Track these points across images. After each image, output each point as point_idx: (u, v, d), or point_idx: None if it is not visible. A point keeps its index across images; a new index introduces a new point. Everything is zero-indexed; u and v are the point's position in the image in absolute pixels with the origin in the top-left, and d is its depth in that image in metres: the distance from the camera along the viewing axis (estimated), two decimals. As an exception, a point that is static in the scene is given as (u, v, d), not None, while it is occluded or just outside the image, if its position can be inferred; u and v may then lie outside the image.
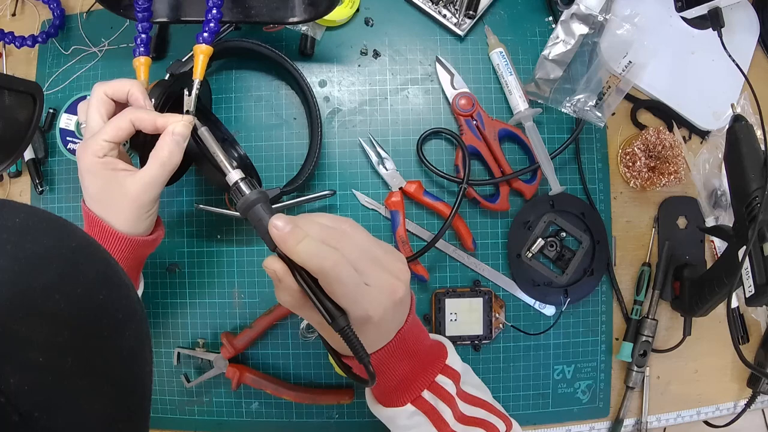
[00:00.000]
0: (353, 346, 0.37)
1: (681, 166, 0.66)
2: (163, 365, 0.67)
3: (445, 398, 0.47)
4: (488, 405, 0.51)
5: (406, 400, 0.46)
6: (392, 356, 0.44)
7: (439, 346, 0.50)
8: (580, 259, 0.66)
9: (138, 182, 0.47)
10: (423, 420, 0.46)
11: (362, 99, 0.67)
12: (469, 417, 0.48)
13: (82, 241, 0.29)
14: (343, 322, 0.37)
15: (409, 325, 0.44)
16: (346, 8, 0.66)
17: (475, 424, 0.48)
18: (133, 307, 0.29)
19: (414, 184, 0.64)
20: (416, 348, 0.46)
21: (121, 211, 0.48)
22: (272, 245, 0.38)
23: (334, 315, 0.37)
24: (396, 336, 0.43)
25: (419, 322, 0.48)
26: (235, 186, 0.41)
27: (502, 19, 0.68)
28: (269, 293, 0.66)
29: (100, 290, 0.27)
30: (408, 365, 0.46)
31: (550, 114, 0.68)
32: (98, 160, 0.47)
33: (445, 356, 0.49)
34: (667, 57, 0.68)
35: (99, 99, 0.49)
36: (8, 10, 0.71)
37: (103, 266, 0.29)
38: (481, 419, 0.49)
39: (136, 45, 0.55)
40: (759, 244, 0.53)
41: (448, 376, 0.48)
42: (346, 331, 0.37)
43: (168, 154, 0.47)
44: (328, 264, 0.36)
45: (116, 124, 0.47)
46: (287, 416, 0.67)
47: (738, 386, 0.71)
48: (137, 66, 0.55)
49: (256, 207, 0.40)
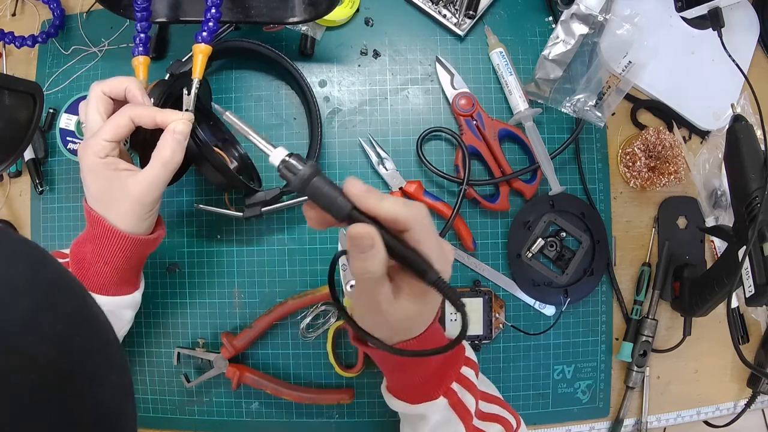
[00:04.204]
0: (448, 296, 0.36)
1: (681, 166, 0.66)
2: (163, 365, 0.67)
3: (470, 388, 0.46)
4: (501, 401, 0.51)
5: (438, 392, 0.45)
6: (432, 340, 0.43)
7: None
8: (580, 259, 0.66)
9: (140, 182, 0.47)
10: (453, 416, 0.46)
11: (362, 99, 0.67)
12: (486, 413, 0.48)
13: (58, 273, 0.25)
14: (435, 275, 0.36)
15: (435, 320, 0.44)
16: (346, 8, 0.66)
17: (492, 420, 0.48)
18: (113, 353, 0.26)
19: (414, 184, 0.64)
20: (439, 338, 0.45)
21: (123, 211, 0.48)
22: (343, 214, 0.36)
23: (428, 267, 0.36)
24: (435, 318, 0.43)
25: None
26: (283, 164, 0.37)
27: (502, 19, 0.68)
28: (269, 293, 0.66)
29: (77, 331, 0.23)
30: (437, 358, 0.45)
31: (550, 114, 0.68)
32: (100, 161, 0.46)
33: (463, 348, 0.49)
34: (667, 57, 0.68)
35: (97, 98, 0.49)
36: (8, 10, 0.71)
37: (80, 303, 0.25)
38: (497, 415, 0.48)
39: (135, 45, 0.55)
40: (759, 244, 0.53)
41: (470, 366, 0.48)
42: (439, 282, 0.36)
43: (170, 154, 0.47)
44: (420, 213, 0.35)
45: (116, 123, 0.47)
46: (287, 416, 0.67)
47: (738, 386, 0.71)
48: (136, 65, 0.55)
49: (317, 178, 0.37)
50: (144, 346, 0.67)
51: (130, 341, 0.66)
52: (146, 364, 0.67)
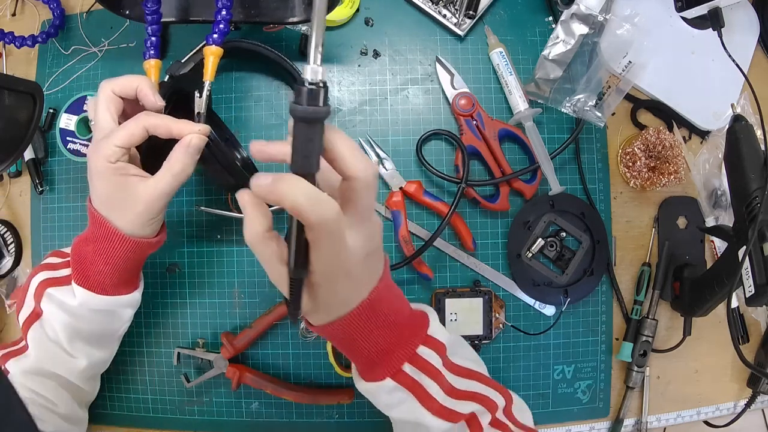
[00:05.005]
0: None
1: (681, 166, 0.66)
2: (163, 365, 0.67)
3: (429, 372, 0.44)
4: (482, 377, 0.48)
5: (385, 373, 0.44)
6: (366, 321, 0.42)
7: (420, 316, 0.47)
8: (580, 259, 0.66)
9: (149, 191, 0.47)
10: (406, 396, 0.44)
11: (362, 99, 0.67)
12: (462, 391, 0.46)
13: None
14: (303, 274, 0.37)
15: (382, 289, 0.42)
16: (346, 8, 0.66)
17: (469, 398, 0.46)
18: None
19: (414, 184, 0.64)
20: (393, 317, 0.44)
21: (129, 215, 0.47)
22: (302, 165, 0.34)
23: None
24: (369, 297, 0.41)
25: (397, 291, 0.46)
26: (314, 85, 0.32)
27: (502, 19, 0.68)
28: (269, 293, 0.66)
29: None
30: (384, 334, 0.43)
31: (550, 114, 0.68)
32: (110, 165, 0.46)
33: (426, 326, 0.46)
34: (667, 57, 0.68)
35: (107, 97, 0.48)
36: (8, 10, 0.71)
37: (4, 397, 0.24)
38: (475, 392, 0.46)
39: (146, 47, 0.54)
40: (759, 244, 0.53)
41: (432, 347, 0.45)
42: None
43: (182, 167, 0.47)
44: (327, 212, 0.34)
45: (129, 130, 0.46)
46: (287, 416, 0.67)
47: (738, 386, 0.71)
48: (147, 68, 0.54)
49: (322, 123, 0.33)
50: (144, 346, 0.67)
51: (130, 341, 0.66)
52: (146, 364, 0.67)
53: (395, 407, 0.45)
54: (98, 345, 0.56)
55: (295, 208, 0.33)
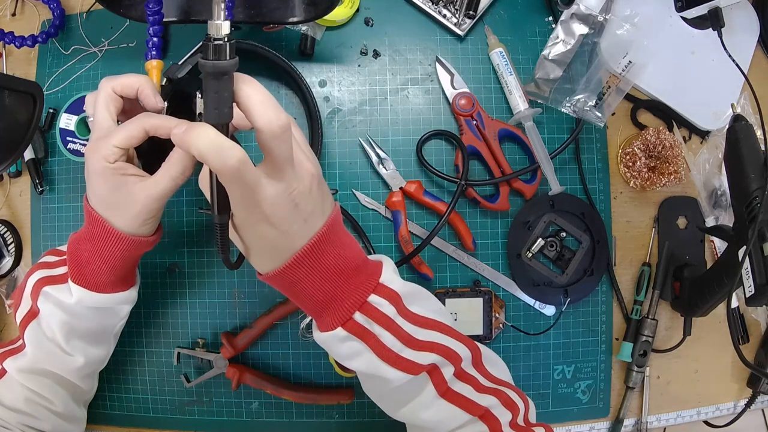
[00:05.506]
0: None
1: (681, 166, 0.66)
2: (163, 365, 0.67)
3: (380, 320, 0.43)
4: (446, 327, 0.46)
5: (335, 323, 0.43)
6: (310, 268, 0.42)
7: (374, 265, 0.46)
8: (580, 259, 0.66)
9: (148, 192, 0.46)
10: (360, 346, 0.43)
11: (362, 99, 0.67)
12: (422, 341, 0.45)
13: None
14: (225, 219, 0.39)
15: (325, 236, 0.42)
16: (346, 8, 0.66)
17: (430, 349, 0.44)
18: None
19: (414, 184, 0.64)
20: (341, 264, 0.43)
21: (126, 215, 0.47)
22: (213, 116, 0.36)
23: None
24: (309, 243, 0.41)
25: (348, 239, 0.45)
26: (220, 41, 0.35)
27: (502, 19, 0.68)
28: (269, 293, 0.66)
29: None
30: (331, 281, 0.43)
31: (550, 114, 0.68)
32: (108, 165, 0.45)
33: (378, 274, 0.45)
34: (667, 57, 0.68)
35: (107, 96, 0.47)
36: (8, 10, 0.71)
37: None
38: (436, 343, 0.45)
39: (147, 48, 0.54)
40: (759, 244, 0.53)
41: (384, 296, 0.44)
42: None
43: (181, 170, 0.46)
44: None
45: (129, 131, 0.45)
46: (287, 416, 0.67)
47: (738, 386, 0.71)
48: (149, 69, 0.54)
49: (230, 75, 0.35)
50: (144, 346, 0.67)
51: (129, 341, 0.66)
52: (146, 364, 0.67)
53: (353, 358, 0.45)
54: (95, 343, 0.56)
55: (201, 156, 0.35)
